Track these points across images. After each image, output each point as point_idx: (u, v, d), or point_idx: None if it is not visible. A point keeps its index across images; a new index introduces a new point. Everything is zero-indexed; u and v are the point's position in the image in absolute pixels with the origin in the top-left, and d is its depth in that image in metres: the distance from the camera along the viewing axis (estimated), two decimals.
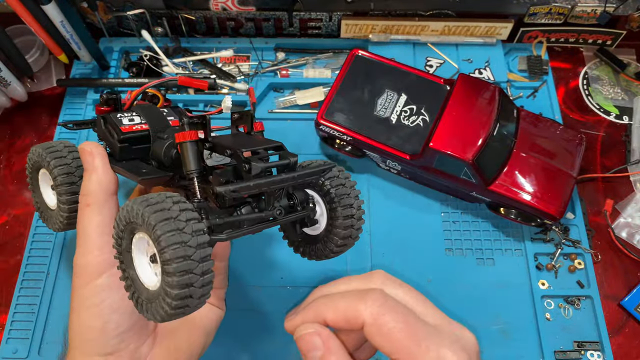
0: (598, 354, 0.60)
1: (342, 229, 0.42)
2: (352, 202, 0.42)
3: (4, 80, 0.71)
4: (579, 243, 0.66)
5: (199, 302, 0.33)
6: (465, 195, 0.66)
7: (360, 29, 0.79)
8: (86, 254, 0.40)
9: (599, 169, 0.72)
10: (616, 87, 0.79)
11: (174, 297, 0.32)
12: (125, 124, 0.45)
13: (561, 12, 0.76)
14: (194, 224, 0.32)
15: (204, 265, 0.32)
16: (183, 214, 0.32)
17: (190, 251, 0.31)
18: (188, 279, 0.31)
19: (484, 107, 0.62)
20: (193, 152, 0.38)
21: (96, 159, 0.42)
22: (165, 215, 0.32)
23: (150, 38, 0.76)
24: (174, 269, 0.31)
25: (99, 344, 0.40)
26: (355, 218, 0.42)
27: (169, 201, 0.33)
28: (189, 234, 0.32)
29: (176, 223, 0.32)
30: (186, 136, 0.38)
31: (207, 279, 0.33)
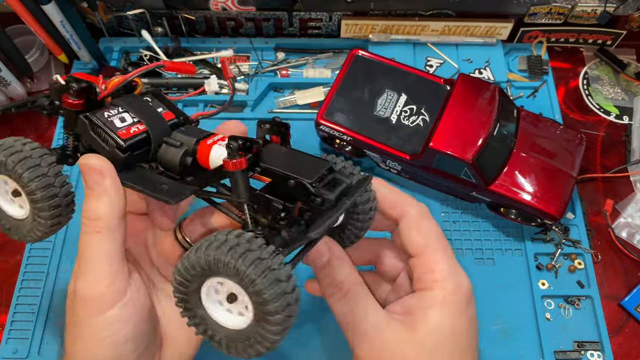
0: (598, 354, 0.60)
1: (359, 230, 0.43)
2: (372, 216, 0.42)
3: (3, 80, 0.71)
4: (579, 243, 0.66)
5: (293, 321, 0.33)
6: (466, 195, 0.66)
7: (360, 29, 0.79)
8: (96, 284, 0.37)
9: (599, 169, 0.72)
10: (616, 87, 0.79)
11: (276, 333, 0.31)
12: (119, 127, 0.38)
13: (561, 12, 0.76)
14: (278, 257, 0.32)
15: (297, 293, 0.32)
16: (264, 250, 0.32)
17: (284, 285, 0.31)
18: (289, 311, 0.31)
19: (484, 107, 0.62)
20: (244, 181, 0.36)
21: (107, 179, 0.37)
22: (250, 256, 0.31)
23: (150, 38, 0.76)
24: (277, 307, 0.31)
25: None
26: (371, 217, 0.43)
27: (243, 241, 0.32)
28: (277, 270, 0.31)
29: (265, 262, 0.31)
30: (237, 165, 0.35)
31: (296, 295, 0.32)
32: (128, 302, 0.38)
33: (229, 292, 0.33)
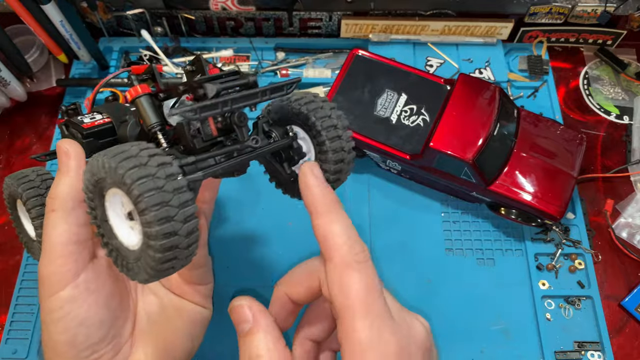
0: (598, 354, 0.60)
1: (332, 153, 0.39)
2: (336, 123, 0.39)
3: (3, 80, 0.71)
4: (579, 243, 0.66)
5: (187, 254, 0.31)
6: (466, 195, 0.66)
7: (360, 29, 0.78)
8: (49, 264, 0.37)
9: (599, 169, 0.72)
10: (616, 87, 0.79)
11: (158, 249, 0.29)
12: (85, 122, 0.43)
13: (561, 11, 0.76)
14: (166, 168, 0.30)
15: (186, 211, 0.30)
16: (153, 159, 0.30)
17: (168, 196, 0.29)
18: (170, 226, 0.29)
19: (484, 107, 0.62)
20: (149, 106, 0.37)
21: (71, 160, 0.38)
22: (133, 162, 0.29)
23: (150, 38, 0.76)
24: (153, 217, 0.29)
25: (70, 357, 0.38)
26: (344, 139, 0.40)
27: (135, 148, 0.31)
28: (162, 179, 0.29)
29: (147, 169, 0.29)
30: (137, 90, 0.36)
31: (191, 226, 0.30)
32: (81, 284, 0.37)
33: (129, 208, 0.32)
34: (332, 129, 0.39)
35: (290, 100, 0.41)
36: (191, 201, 0.31)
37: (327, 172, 0.40)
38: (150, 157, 0.30)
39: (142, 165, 0.29)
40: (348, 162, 0.41)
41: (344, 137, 0.40)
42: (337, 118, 0.40)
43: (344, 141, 0.40)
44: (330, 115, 0.39)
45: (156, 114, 0.37)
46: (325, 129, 0.39)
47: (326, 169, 0.40)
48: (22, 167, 0.73)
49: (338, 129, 0.40)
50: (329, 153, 0.39)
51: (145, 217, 0.29)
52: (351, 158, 0.41)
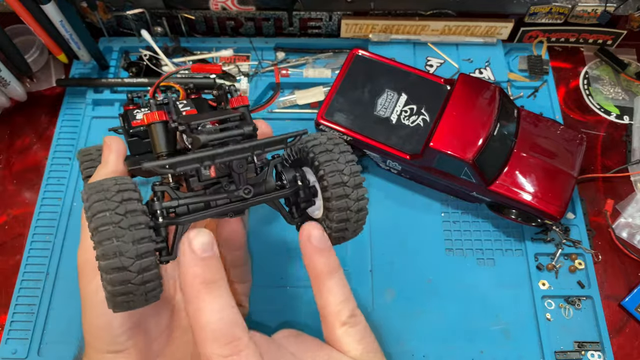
0: (599, 355, 0.60)
1: (336, 212, 0.37)
2: (346, 179, 0.37)
3: (3, 80, 0.71)
4: (579, 243, 0.66)
5: (143, 290, 0.31)
6: (466, 195, 0.66)
7: (360, 29, 0.78)
8: (88, 250, 0.38)
9: (599, 169, 0.72)
10: (617, 87, 0.79)
11: (108, 282, 0.30)
12: (138, 118, 0.44)
13: (561, 11, 0.76)
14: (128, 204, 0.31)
15: (140, 248, 0.30)
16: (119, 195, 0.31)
17: (121, 232, 0.30)
18: (119, 261, 0.30)
19: (485, 107, 0.62)
20: (162, 133, 0.37)
21: (112, 154, 0.41)
22: (99, 195, 0.30)
23: (149, 38, 0.76)
24: (101, 251, 0.30)
25: (107, 341, 0.40)
26: (351, 199, 0.37)
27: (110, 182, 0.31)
28: (120, 215, 0.30)
29: (108, 204, 0.30)
30: (153, 117, 0.37)
31: (146, 263, 0.31)
32: None
33: None
34: (340, 186, 0.37)
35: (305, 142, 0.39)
36: (149, 239, 0.31)
37: (330, 229, 0.38)
38: (117, 192, 0.31)
39: (105, 200, 0.30)
40: (356, 221, 0.38)
41: (353, 196, 0.37)
42: (350, 175, 0.37)
43: (351, 200, 0.37)
44: (342, 170, 0.37)
45: (167, 142, 0.37)
46: (333, 186, 0.37)
47: (329, 226, 0.38)
48: (23, 166, 0.73)
49: (347, 186, 0.37)
50: (333, 212, 0.37)
51: (97, 249, 0.30)
52: (360, 217, 0.39)
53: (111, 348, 0.40)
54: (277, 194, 0.38)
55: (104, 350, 0.40)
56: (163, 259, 0.35)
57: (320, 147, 0.37)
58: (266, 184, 0.38)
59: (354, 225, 0.39)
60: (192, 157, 0.32)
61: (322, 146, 0.37)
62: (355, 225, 0.39)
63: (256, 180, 0.38)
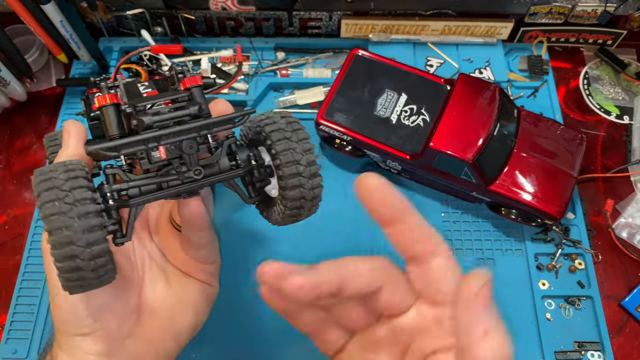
0: (599, 355, 0.60)
1: (290, 190, 0.37)
2: (299, 157, 0.36)
3: (3, 80, 0.71)
4: (579, 243, 0.66)
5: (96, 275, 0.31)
6: (466, 195, 0.66)
7: (360, 29, 0.78)
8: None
9: (599, 169, 0.72)
10: (617, 87, 0.79)
11: (60, 270, 0.31)
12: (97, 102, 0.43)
13: (561, 11, 0.76)
14: (77, 192, 0.30)
15: (90, 237, 0.30)
16: (68, 182, 0.31)
17: (70, 222, 0.30)
18: (70, 250, 0.30)
19: (485, 107, 0.62)
20: (113, 116, 0.37)
21: (71, 138, 0.41)
22: (49, 184, 0.30)
23: (150, 38, 0.76)
24: (53, 240, 0.30)
25: (74, 324, 0.40)
26: (304, 176, 0.36)
27: (60, 167, 0.31)
28: (69, 204, 0.30)
29: (57, 192, 0.30)
30: (104, 100, 0.37)
31: (96, 250, 0.31)
32: None
33: None
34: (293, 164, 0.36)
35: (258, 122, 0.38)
36: (99, 227, 0.31)
37: (285, 198, 0.38)
38: (67, 180, 0.31)
39: (54, 188, 0.30)
40: (309, 198, 0.38)
41: (305, 173, 0.36)
42: (303, 152, 0.36)
43: (304, 178, 0.36)
44: (295, 149, 0.36)
45: (119, 125, 0.37)
46: (286, 164, 0.36)
47: (284, 195, 0.37)
48: (23, 167, 0.73)
49: (300, 164, 0.36)
50: (287, 190, 0.37)
51: (49, 238, 0.30)
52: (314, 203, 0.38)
53: (78, 331, 0.40)
54: (228, 174, 0.38)
55: (72, 334, 0.40)
56: (118, 241, 0.35)
57: (278, 134, 0.36)
58: (220, 164, 0.38)
59: (307, 212, 0.39)
60: (135, 139, 0.32)
61: (280, 132, 0.37)
62: (308, 212, 0.39)
63: (209, 161, 0.37)
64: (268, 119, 0.38)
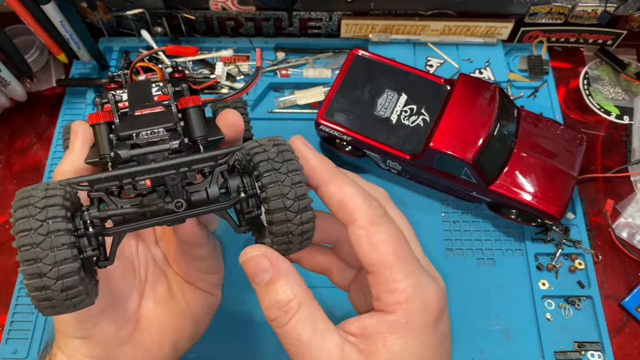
0: (599, 355, 0.60)
1: (276, 225, 0.34)
2: (287, 191, 0.34)
3: (3, 80, 0.71)
4: (579, 243, 0.66)
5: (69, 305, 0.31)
6: (466, 195, 0.66)
7: (360, 29, 0.78)
8: None
9: (599, 169, 0.72)
10: (617, 87, 0.79)
11: (33, 298, 0.31)
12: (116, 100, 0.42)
13: (561, 12, 0.76)
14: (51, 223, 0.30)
15: (62, 269, 0.30)
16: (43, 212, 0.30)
17: (42, 254, 0.30)
18: (40, 282, 0.30)
19: (485, 107, 0.62)
20: (105, 135, 0.36)
21: (77, 140, 0.41)
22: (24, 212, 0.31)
23: (149, 38, 0.76)
24: (24, 270, 0.30)
25: (74, 327, 0.40)
26: (292, 211, 0.34)
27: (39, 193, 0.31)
28: (42, 235, 0.30)
29: (30, 222, 0.30)
30: (96, 118, 0.36)
31: (68, 283, 0.30)
32: None
33: None
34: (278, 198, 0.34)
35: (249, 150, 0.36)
36: (72, 259, 0.30)
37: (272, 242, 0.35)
38: (43, 208, 0.30)
39: (29, 217, 0.30)
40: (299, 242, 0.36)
41: (293, 208, 0.34)
42: (292, 185, 0.34)
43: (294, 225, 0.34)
44: (283, 181, 0.34)
45: (110, 145, 0.36)
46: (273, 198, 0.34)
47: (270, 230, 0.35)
48: (23, 166, 0.73)
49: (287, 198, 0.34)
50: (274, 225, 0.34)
51: (21, 267, 0.30)
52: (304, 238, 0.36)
53: (77, 334, 0.40)
54: (214, 207, 0.35)
55: (71, 336, 0.40)
56: (101, 264, 0.35)
57: (266, 165, 0.34)
58: (209, 192, 0.36)
59: (298, 245, 0.37)
60: (110, 174, 0.32)
61: (268, 163, 0.34)
62: (299, 246, 0.37)
63: (198, 188, 0.36)
64: (260, 146, 0.35)
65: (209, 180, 0.36)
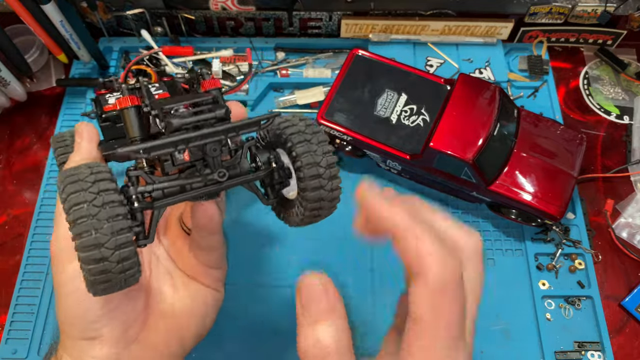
0: (599, 355, 0.60)
1: (310, 191, 0.37)
2: (319, 159, 0.37)
3: (3, 80, 0.71)
4: (579, 243, 0.66)
5: (123, 278, 0.32)
6: (466, 195, 0.66)
7: (360, 29, 0.78)
8: (60, 239, 0.39)
9: (599, 169, 0.72)
10: (617, 87, 0.79)
11: (88, 273, 0.31)
12: (110, 102, 0.43)
13: (561, 11, 0.76)
14: (105, 195, 0.31)
15: (119, 239, 0.31)
16: (96, 185, 0.31)
17: (99, 224, 0.30)
18: (99, 253, 0.30)
19: (485, 107, 0.62)
20: (134, 118, 0.37)
21: (84, 141, 0.41)
22: (75, 187, 0.31)
23: (149, 38, 0.76)
24: (80, 244, 0.30)
25: (81, 328, 0.40)
26: (324, 178, 0.37)
27: (85, 171, 0.31)
28: (97, 207, 0.30)
29: (85, 195, 0.30)
30: (125, 102, 0.37)
31: (124, 253, 0.31)
32: None
33: None
34: (313, 166, 0.36)
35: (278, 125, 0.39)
36: (127, 229, 0.31)
37: (305, 200, 0.38)
38: (94, 182, 0.31)
39: (82, 191, 0.30)
40: (329, 199, 0.38)
41: (325, 175, 0.37)
42: (323, 154, 0.37)
43: (324, 180, 0.37)
44: (316, 151, 0.37)
45: (140, 127, 0.37)
46: (307, 166, 0.36)
47: (304, 197, 0.38)
48: (23, 167, 0.73)
49: (320, 166, 0.37)
50: (307, 191, 0.37)
51: (76, 241, 0.30)
52: (332, 205, 0.39)
53: (85, 335, 0.40)
54: (251, 177, 0.38)
55: (79, 337, 0.40)
56: (140, 242, 0.36)
57: (298, 136, 0.37)
58: (240, 167, 0.38)
59: (327, 212, 0.40)
60: (165, 141, 0.32)
61: (300, 135, 0.37)
62: (327, 212, 0.40)
63: (230, 163, 0.38)
64: (287, 121, 0.38)
65: (240, 155, 0.38)
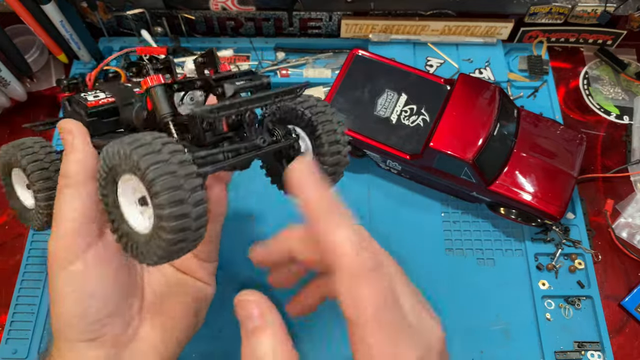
0: (598, 354, 0.60)
1: (330, 156, 0.41)
2: (336, 127, 0.41)
3: (3, 80, 0.71)
4: (579, 243, 0.66)
5: (195, 236, 0.32)
6: (466, 195, 0.66)
7: (360, 29, 0.78)
8: (60, 238, 0.39)
9: (599, 169, 0.72)
10: (616, 87, 0.79)
11: (170, 231, 0.31)
12: (90, 100, 0.44)
13: (561, 11, 0.76)
14: (179, 155, 0.31)
15: (196, 196, 0.31)
16: (166, 147, 0.31)
17: (180, 181, 0.31)
18: (182, 209, 0.30)
19: (484, 107, 0.62)
20: (163, 96, 0.38)
21: (76, 138, 0.39)
22: (147, 149, 0.31)
23: (150, 38, 0.76)
24: (166, 199, 0.30)
25: (80, 329, 0.39)
26: (341, 144, 0.42)
27: (148, 137, 0.32)
28: (175, 164, 0.31)
29: (160, 155, 0.31)
30: (153, 80, 0.38)
31: (200, 210, 0.32)
32: (91, 259, 0.38)
33: (141, 193, 0.33)
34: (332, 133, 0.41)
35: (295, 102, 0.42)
36: (200, 187, 0.32)
37: (325, 164, 0.42)
38: (163, 145, 0.32)
39: (155, 152, 0.31)
40: (343, 164, 0.43)
41: (342, 141, 0.42)
42: (337, 123, 0.42)
43: (341, 145, 0.42)
44: (332, 120, 0.41)
45: (169, 104, 0.39)
46: (326, 133, 0.41)
47: (324, 161, 0.41)
48: None
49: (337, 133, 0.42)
50: (327, 156, 0.41)
51: (159, 199, 0.30)
52: (346, 161, 0.43)
53: (83, 337, 0.39)
54: (283, 143, 0.41)
55: (77, 339, 0.39)
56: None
57: (315, 108, 0.41)
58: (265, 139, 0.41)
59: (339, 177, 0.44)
60: (232, 102, 0.34)
61: (316, 107, 0.41)
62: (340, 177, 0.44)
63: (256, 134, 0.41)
64: (308, 101, 0.42)
65: (261, 129, 0.42)
